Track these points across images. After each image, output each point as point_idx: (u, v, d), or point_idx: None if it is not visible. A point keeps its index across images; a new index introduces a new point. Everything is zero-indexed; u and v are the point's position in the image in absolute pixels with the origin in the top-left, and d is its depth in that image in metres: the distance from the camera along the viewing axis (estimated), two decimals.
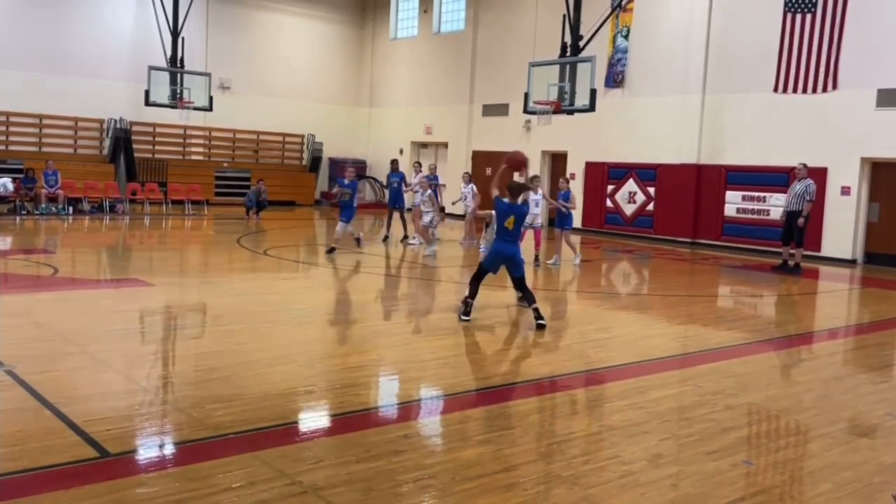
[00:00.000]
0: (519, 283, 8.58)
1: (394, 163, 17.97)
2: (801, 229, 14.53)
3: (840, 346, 8.96)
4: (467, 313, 8.50)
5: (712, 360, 7.43)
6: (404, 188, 17.27)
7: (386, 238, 17.02)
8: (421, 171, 17.46)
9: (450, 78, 26.25)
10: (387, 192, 18.83)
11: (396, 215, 17.58)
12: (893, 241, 16.58)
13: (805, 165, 14.72)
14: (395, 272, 13.41)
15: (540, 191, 14.26)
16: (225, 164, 26.55)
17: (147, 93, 22.31)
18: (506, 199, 8.43)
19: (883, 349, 8.78)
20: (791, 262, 14.90)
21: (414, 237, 16.57)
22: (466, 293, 8.62)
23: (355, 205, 14.44)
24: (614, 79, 21.13)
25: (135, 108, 23.59)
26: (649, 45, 20.46)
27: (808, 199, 14.38)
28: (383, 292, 11.15)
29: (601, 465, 4.54)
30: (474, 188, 16.73)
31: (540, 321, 8.32)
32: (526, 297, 8.60)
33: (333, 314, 9.31)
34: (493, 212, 8.66)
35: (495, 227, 8.94)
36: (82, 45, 23.23)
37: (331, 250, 13.87)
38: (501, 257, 8.52)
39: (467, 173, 18.03)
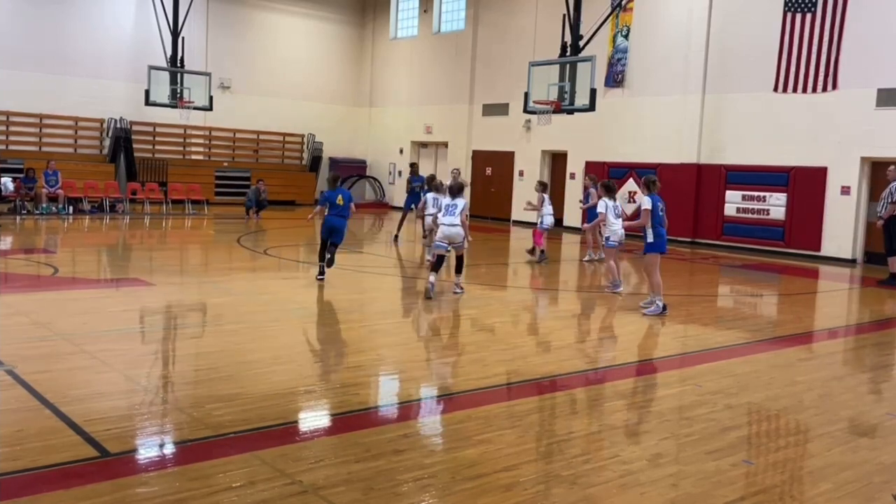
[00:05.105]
0: (331, 247, 10.80)
1: (414, 166, 18.22)
2: (889, 236, 13.44)
3: (840, 346, 8.96)
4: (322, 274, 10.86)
5: (712, 360, 7.43)
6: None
7: (396, 238, 16.88)
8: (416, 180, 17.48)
9: (450, 78, 26.25)
10: (403, 194, 18.66)
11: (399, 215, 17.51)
12: None
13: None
14: (395, 272, 13.40)
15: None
16: (225, 164, 26.55)
17: (147, 92, 22.32)
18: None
19: (883, 349, 8.78)
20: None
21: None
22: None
23: None
24: (614, 78, 21.13)
25: (135, 107, 23.59)
26: (649, 44, 20.45)
27: (891, 200, 13.35)
28: (383, 292, 11.14)
29: (601, 464, 4.54)
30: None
31: (320, 276, 10.76)
32: (327, 252, 10.76)
33: (333, 314, 9.31)
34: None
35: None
36: (82, 45, 23.23)
37: None
38: (327, 227, 10.74)
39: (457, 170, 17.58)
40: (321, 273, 10.87)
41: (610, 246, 11.26)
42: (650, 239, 9.50)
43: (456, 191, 10.61)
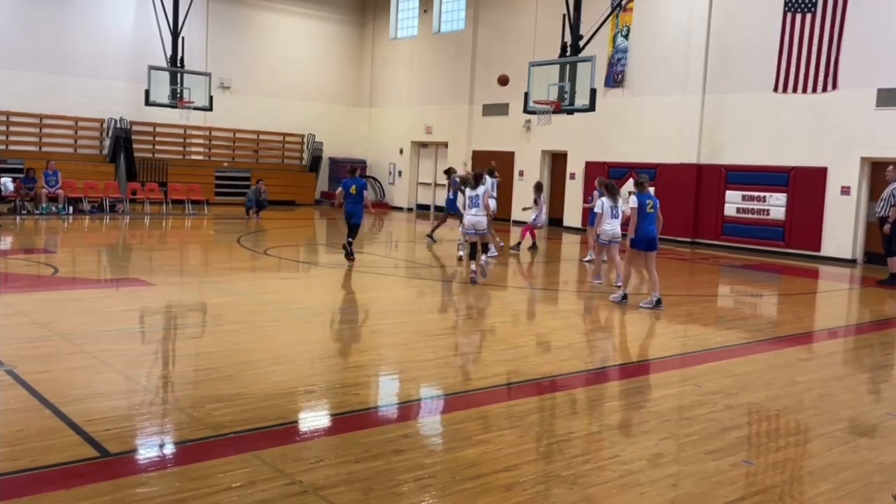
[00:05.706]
0: (352, 230, 12.92)
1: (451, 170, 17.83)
2: (887, 237, 13.41)
3: (840, 346, 8.96)
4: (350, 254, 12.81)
5: (712, 360, 7.43)
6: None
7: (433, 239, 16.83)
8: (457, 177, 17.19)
9: (450, 78, 26.24)
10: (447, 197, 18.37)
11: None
12: None
13: (895, 167, 13.58)
14: (395, 272, 13.40)
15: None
16: (225, 164, 26.54)
17: (147, 92, 22.33)
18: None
19: (883, 349, 8.78)
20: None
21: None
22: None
23: None
24: (614, 79, 21.12)
25: (135, 107, 23.60)
26: (649, 44, 20.45)
27: (893, 203, 13.28)
28: (383, 292, 11.14)
29: (601, 464, 4.54)
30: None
31: (349, 256, 12.69)
32: (351, 235, 12.80)
33: (333, 314, 9.31)
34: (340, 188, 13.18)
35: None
36: (82, 45, 23.23)
37: None
38: (346, 212, 12.91)
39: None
40: (346, 249, 12.75)
41: (600, 243, 11.55)
42: (631, 235, 9.98)
43: (476, 180, 11.50)
